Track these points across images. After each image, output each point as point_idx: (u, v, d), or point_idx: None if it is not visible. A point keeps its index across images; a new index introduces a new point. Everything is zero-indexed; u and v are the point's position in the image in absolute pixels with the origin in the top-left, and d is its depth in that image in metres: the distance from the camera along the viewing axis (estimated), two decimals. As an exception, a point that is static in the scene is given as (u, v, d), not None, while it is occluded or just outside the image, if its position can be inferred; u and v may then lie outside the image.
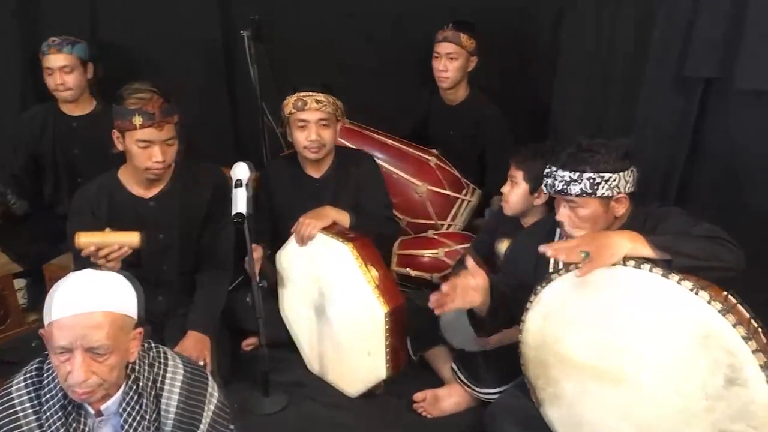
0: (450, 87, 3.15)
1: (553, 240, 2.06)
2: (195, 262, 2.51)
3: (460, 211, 3.08)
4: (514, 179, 2.34)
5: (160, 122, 2.19)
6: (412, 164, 3.09)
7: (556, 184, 1.86)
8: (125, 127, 2.20)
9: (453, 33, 3.06)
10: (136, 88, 2.21)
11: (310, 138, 2.45)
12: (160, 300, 2.50)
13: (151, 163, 2.24)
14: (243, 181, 2.19)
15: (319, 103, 2.43)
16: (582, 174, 1.81)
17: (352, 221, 2.44)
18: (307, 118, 2.44)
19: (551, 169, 1.88)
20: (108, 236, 2.11)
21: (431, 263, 2.92)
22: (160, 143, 2.22)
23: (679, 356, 1.65)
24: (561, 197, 1.88)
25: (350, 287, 2.24)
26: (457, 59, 3.07)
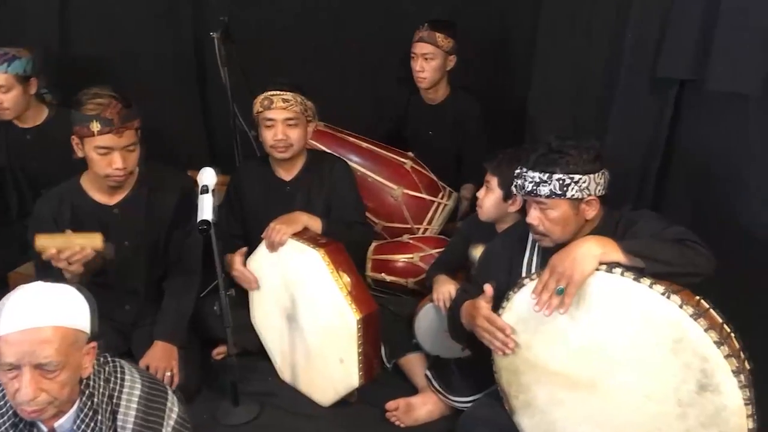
0: (429, 87, 3.12)
1: (525, 245, 2.03)
2: (162, 269, 2.46)
3: (436, 215, 3.03)
4: (488, 185, 2.30)
5: (119, 128, 2.13)
6: (387, 167, 3.05)
7: (526, 185, 1.82)
8: (83, 134, 2.15)
9: (429, 33, 3.02)
10: (95, 93, 2.15)
11: (276, 137, 2.41)
12: (127, 309, 2.46)
13: (111, 170, 2.19)
14: (209, 187, 2.14)
15: (286, 102, 2.39)
16: (552, 175, 1.77)
17: (324, 227, 2.39)
18: (274, 117, 2.40)
19: (521, 170, 1.85)
20: (69, 238, 2.06)
21: (407, 268, 2.87)
22: (120, 150, 2.16)
23: (651, 362, 1.62)
24: (531, 199, 1.85)
25: (322, 294, 2.20)
26: (434, 59, 3.04)
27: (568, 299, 1.66)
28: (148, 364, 2.28)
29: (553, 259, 1.71)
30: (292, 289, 2.31)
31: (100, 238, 2.06)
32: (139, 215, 2.36)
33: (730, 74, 2.10)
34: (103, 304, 2.36)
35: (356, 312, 2.13)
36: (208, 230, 2.02)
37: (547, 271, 1.71)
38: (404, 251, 2.90)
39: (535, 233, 1.89)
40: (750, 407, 1.52)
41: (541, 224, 1.84)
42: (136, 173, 2.34)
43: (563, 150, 1.78)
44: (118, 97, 2.15)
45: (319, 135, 3.09)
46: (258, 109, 2.43)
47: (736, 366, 1.50)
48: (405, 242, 2.93)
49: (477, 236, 2.45)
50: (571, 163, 1.76)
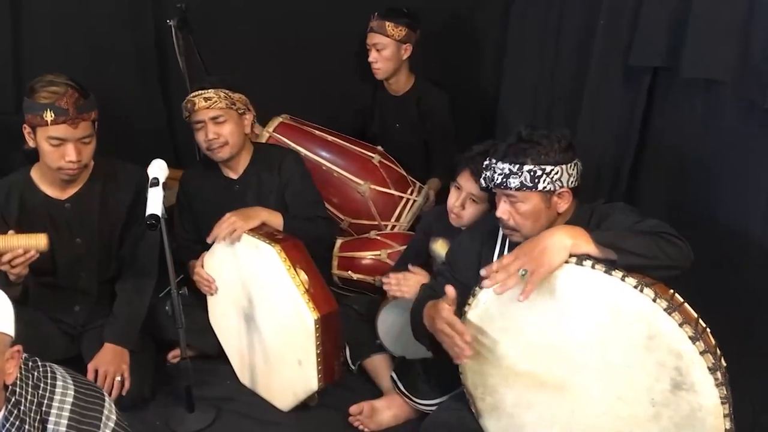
0: (385, 78, 3.03)
1: (495, 241, 1.94)
2: (115, 269, 2.34)
3: (405, 211, 2.92)
4: (476, 198, 2.10)
5: (74, 119, 2.01)
6: (355, 162, 2.94)
7: (495, 177, 1.72)
8: (36, 123, 2.02)
9: (378, 23, 2.92)
10: (50, 81, 2.03)
11: (207, 138, 2.30)
12: (77, 310, 2.34)
13: (63, 162, 2.07)
14: (159, 179, 2.01)
15: (209, 100, 2.27)
16: (522, 166, 1.67)
17: (285, 222, 2.28)
18: (200, 119, 2.30)
19: (490, 161, 1.75)
20: (11, 239, 1.92)
21: (374, 265, 2.76)
22: (74, 142, 2.05)
23: (623, 360, 1.53)
24: (500, 191, 1.75)
25: (278, 292, 2.08)
26: (385, 49, 2.93)
27: (530, 287, 1.55)
28: (97, 367, 2.16)
29: (521, 247, 1.61)
30: (249, 288, 2.20)
31: (45, 238, 1.93)
32: (92, 211, 2.24)
33: (705, 61, 2.01)
34: (50, 305, 2.32)
35: (314, 311, 2.01)
36: (157, 225, 1.90)
37: (511, 255, 1.61)
38: (371, 248, 2.79)
39: (505, 228, 1.79)
40: (727, 406, 1.44)
41: (511, 218, 1.75)
42: (91, 167, 2.23)
43: (533, 139, 1.68)
44: (74, 86, 2.04)
45: (284, 128, 2.98)
46: (185, 114, 2.34)
47: (713, 363, 1.42)
48: (372, 239, 2.83)
49: (437, 229, 2.35)
50: (542, 153, 1.67)
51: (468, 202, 2.14)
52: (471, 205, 2.14)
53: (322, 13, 3.26)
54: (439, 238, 2.35)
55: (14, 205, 2.17)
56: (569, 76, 2.61)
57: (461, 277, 1.97)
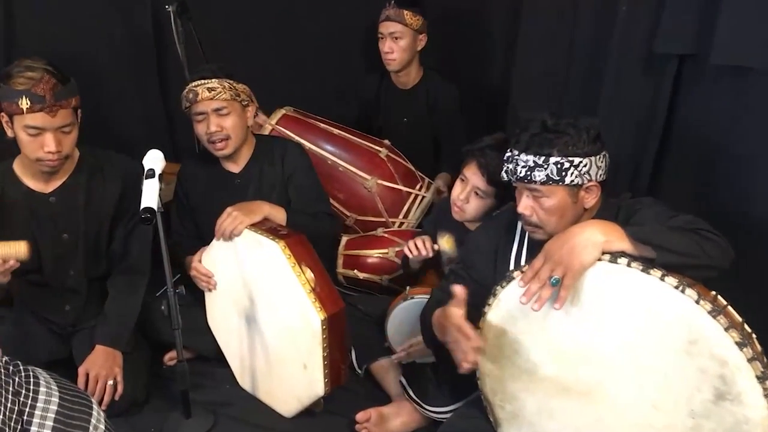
0: (399, 69, 2.90)
1: (513, 237, 1.81)
2: (106, 266, 2.22)
3: (413, 208, 2.80)
4: (481, 192, 2.01)
5: (52, 106, 1.89)
6: (361, 156, 2.82)
7: (518, 170, 1.58)
8: (12, 111, 1.90)
9: (395, 11, 2.80)
10: (27, 66, 1.90)
11: (209, 129, 2.17)
12: (67, 310, 2.22)
13: (42, 153, 1.94)
14: (155, 171, 1.88)
15: (212, 90, 2.14)
16: (548, 158, 1.54)
17: (288, 218, 2.15)
18: (202, 110, 2.16)
19: (512, 153, 1.61)
20: None
21: (381, 264, 2.64)
22: (52, 131, 1.92)
23: (659, 365, 1.40)
24: (523, 185, 1.62)
25: (282, 291, 1.95)
26: (403, 38, 2.82)
27: (564, 292, 1.43)
28: (88, 370, 2.03)
29: (549, 245, 1.48)
30: (250, 287, 2.07)
31: (25, 246, 1.82)
32: (77, 204, 2.11)
33: (736, 47, 1.89)
34: (38, 304, 2.18)
35: (320, 311, 1.88)
36: (152, 219, 1.76)
37: (540, 257, 1.48)
38: (378, 246, 2.67)
39: (527, 224, 1.66)
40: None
41: (534, 214, 1.61)
42: (76, 158, 2.10)
43: (560, 129, 1.55)
44: (52, 71, 1.91)
45: (288, 121, 2.87)
46: (185, 105, 2.20)
47: (761, 371, 1.28)
48: (379, 236, 2.70)
49: (445, 224, 2.23)
50: (570, 144, 1.53)
51: (472, 195, 2.03)
52: (475, 200, 2.03)
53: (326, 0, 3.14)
54: (445, 234, 2.23)
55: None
56: (585, 65, 2.48)
57: (477, 275, 1.85)
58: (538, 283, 1.46)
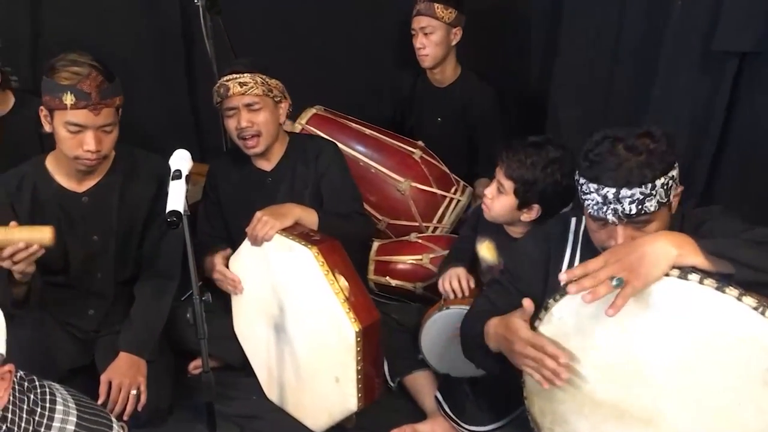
0: (433, 66, 2.79)
1: (564, 247, 1.68)
2: (134, 269, 2.14)
3: (448, 212, 2.69)
4: (502, 187, 1.93)
5: (96, 104, 1.81)
6: (394, 157, 2.70)
7: (627, 209, 1.39)
8: (54, 106, 1.82)
9: (426, 4, 2.69)
10: (72, 60, 1.82)
11: (239, 125, 2.09)
12: (91, 314, 2.13)
13: (81, 151, 1.87)
14: (182, 171, 1.79)
15: (244, 85, 2.06)
16: (654, 183, 1.38)
17: (321, 222, 2.05)
18: (234, 105, 2.09)
19: (612, 192, 1.39)
20: (12, 232, 1.72)
21: (414, 271, 2.52)
22: (94, 129, 1.85)
23: (732, 395, 1.27)
24: (634, 220, 1.43)
25: (314, 300, 1.85)
26: (434, 33, 2.70)
27: (620, 300, 1.29)
28: (111, 379, 1.94)
29: (614, 249, 1.35)
30: (280, 294, 1.97)
31: (50, 232, 1.72)
32: (110, 205, 2.04)
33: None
34: (61, 308, 2.08)
35: (355, 322, 1.78)
36: (178, 223, 1.67)
37: (599, 259, 1.35)
38: (412, 252, 2.56)
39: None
40: None
41: None
42: (111, 157, 2.03)
43: (648, 146, 1.40)
44: (99, 68, 1.83)
45: (318, 120, 2.77)
46: (216, 100, 2.13)
47: None
48: (413, 242, 2.59)
49: (485, 229, 2.12)
50: (664, 159, 1.39)
51: (496, 192, 1.94)
52: (498, 196, 1.94)
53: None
54: (485, 240, 2.11)
55: (26, 196, 1.98)
56: (633, 62, 2.37)
57: (524, 287, 1.72)
58: (592, 280, 1.32)
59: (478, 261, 2.15)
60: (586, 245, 1.64)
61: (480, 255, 2.10)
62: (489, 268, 2.08)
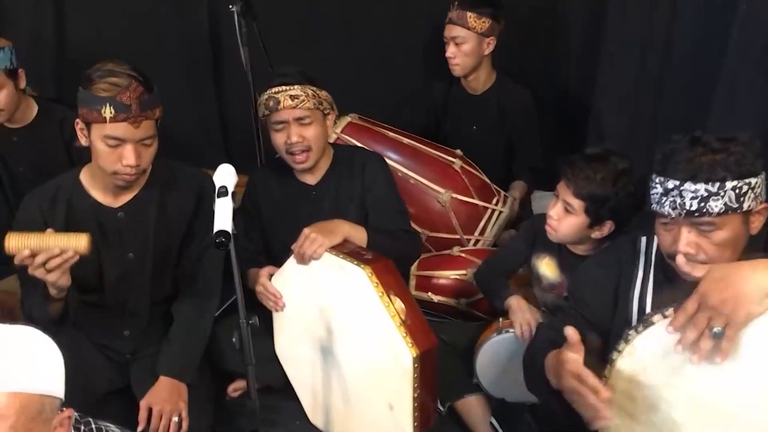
0: (464, 75, 2.72)
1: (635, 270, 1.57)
2: (171, 288, 2.04)
3: (490, 224, 2.59)
4: (570, 207, 1.82)
5: (137, 117, 1.71)
6: (433, 168, 2.61)
7: (687, 203, 1.33)
8: (92, 119, 1.72)
9: (458, 13, 2.60)
10: (110, 70, 1.72)
11: (290, 140, 2.00)
12: (127, 335, 2.03)
13: (120, 166, 1.77)
14: (228, 188, 1.69)
15: (295, 98, 1.96)
16: (723, 183, 1.31)
17: (370, 239, 1.96)
18: (283, 119, 1.99)
19: (675, 184, 1.35)
20: (47, 237, 1.63)
21: (457, 286, 2.43)
22: (134, 143, 1.75)
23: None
24: (690, 219, 1.36)
25: (367, 323, 1.75)
26: (465, 43, 2.62)
27: (727, 343, 1.21)
28: (151, 405, 1.85)
29: (706, 288, 1.25)
30: (328, 315, 1.87)
31: (86, 239, 1.63)
32: (148, 221, 1.94)
33: None
34: (95, 328, 1.97)
35: (412, 347, 1.68)
36: (227, 244, 1.57)
37: (694, 299, 1.25)
38: (454, 266, 2.46)
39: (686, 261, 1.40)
40: None
41: (701, 252, 1.38)
42: (148, 171, 1.92)
43: (726, 147, 1.32)
44: (139, 78, 1.73)
45: (354, 129, 2.67)
46: (263, 112, 2.03)
47: None
48: (455, 256, 2.50)
49: (542, 244, 2.01)
50: (743, 163, 1.31)
51: (563, 212, 1.84)
52: (566, 217, 1.84)
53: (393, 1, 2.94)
54: (545, 256, 2.01)
55: (61, 211, 1.88)
56: (687, 66, 2.26)
57: (591, 315, 1.62)
58: (695, 332, 1.23)
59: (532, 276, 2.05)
60: (659, 267, 1.54)
61: (540, 272, 2.00)
62: (550, 286, 1.99)
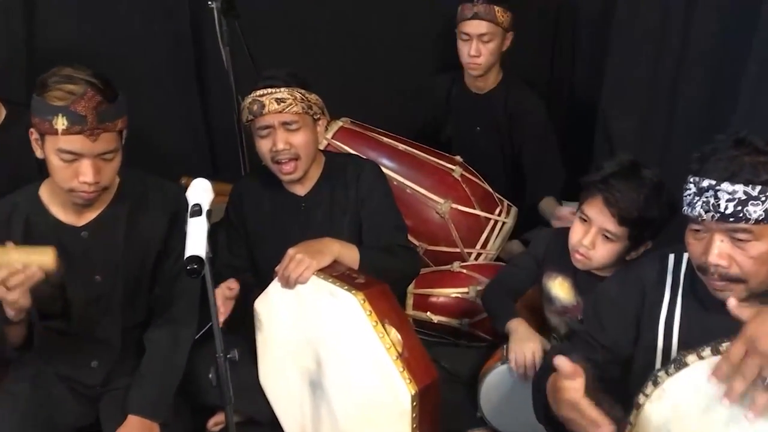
0: (483, 74, 2.56)
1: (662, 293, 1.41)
2: (145, 314, 1.86)
3: (492, 236, 2.42)
4: (610, 234, 1.64)
5: (93, 129, 1.53)
6: (432, 176, 2.44)
7: (722, 206, 1.20)
8: (44, 130, 1.55)
9: (486, 7, 2.44)
10: (67, 76, 1.54)
11: (276, 147, 1.84)
12: (95, 366, 1.84)
13: (77, 183, 1.59)
14: (202, 206, 1.50)
15: (282, 102, 1.80)
16: (766, 187, 1.17)
17: (363, 259, 1.78)
18: (269, 124, 1.83)
19: (710, 183, 1.21)
20: (8, 252, 1.47)
21: (459, 305, 2.26)
22: (92, 158, 1.57)
23: None
24: (723, 225, 1.22)
25: (360, 356, 1.58)
26: (492, 40, 2.48)
27: (764, 399, 1.04)
28: None
29: (755, 330, 1.07)
30: (317, 346, 1.69)
31: (51, 253, 1.47)
32: (116, 241, 1.76)
33: None
34: (61, 359, 1.74)
35: (410, 384, 1.50)
36: (200, 271, 1.38)
37: (740, 344, 1.08)
38: (455, 283, 2.29)
39: (717, 279, 1.26)
40: None
41: (734, 265, 1.22)
42: (116, 185, 1.75)
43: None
44: (98, 85, 1.54)
45: (346, 134, 2.50)
46: (247, 117, 1.87)
47: None
48: (455, 272, 2.33)
49: (555, 262, 1.84)
50: None
51: (599, 239, 1.64)
52: (603, 244, 1.66)
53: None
54: (557, 275, 1.83)
55: (17, 230, 1.70)
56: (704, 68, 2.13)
57: (609, 341, 1.46)
58: (744, 383, 1.05)
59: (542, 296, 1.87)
60: (690, 289, 1.38)
61: (551, 293, 1.83)
62: (563, 309, 1.82)
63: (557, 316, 1.84)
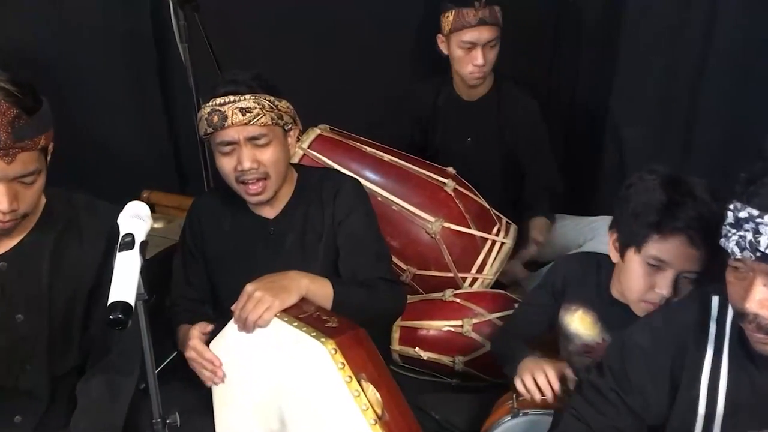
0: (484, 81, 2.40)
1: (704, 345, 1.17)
2: (77, 359, 1.60)
3: (490, 258, 2.16)
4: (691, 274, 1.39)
5: (8, 149, 1.29)
6: (421, 191, 2.20)
7: (764, 243, 0.99)
8: None
9: (490, 11, 2.27)
10: None
11: (241, 166, 1.60)
12: (18, 422, 1.58)
13: None
14: (137, 237, 1.23)
15: (248, 112, 1.56)
16: None
17: (337, 296, 1.53)
18: (233, 139, 1.59)
19: (751, 214, 1.00)
20: None
21: (451, 340, 2.01)
22: (6, 182, 1.33)
23: None
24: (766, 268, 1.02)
25: (331, 416, 1.31)
26: (498, 44, 2.33)
27: None
28: None
29: None
30: (281, 402, 1.42)
31: None
32: (39, 273, 1.50)
33: None
34: None
35: (392, 453, 1.22)
36: (126, 322, 1.11)
37: None
38: (447, 315, 2.05)
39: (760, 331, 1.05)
40: None
41: None
42: (40, 208, 1.50)
43: None
44: (15, 93, 1.29)
45: (324, 144, 2.24)
46: (206, 130, 1.61)
47: None
48: (448, 301, 2.09)
49: (577, 293, 1.59)
50: None
51: (681, 281, 1.39)
52: (686, 287, 1.40)
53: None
54: (578, 308, 1.58)
55: None
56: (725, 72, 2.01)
57: (636, 403, 1.22)
58: None
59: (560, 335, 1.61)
60: (738, 339, 1.15)
61: (570, 330, 1.58)
62: (584, 348, 1.55)
63: (577, 357, 1.57)
